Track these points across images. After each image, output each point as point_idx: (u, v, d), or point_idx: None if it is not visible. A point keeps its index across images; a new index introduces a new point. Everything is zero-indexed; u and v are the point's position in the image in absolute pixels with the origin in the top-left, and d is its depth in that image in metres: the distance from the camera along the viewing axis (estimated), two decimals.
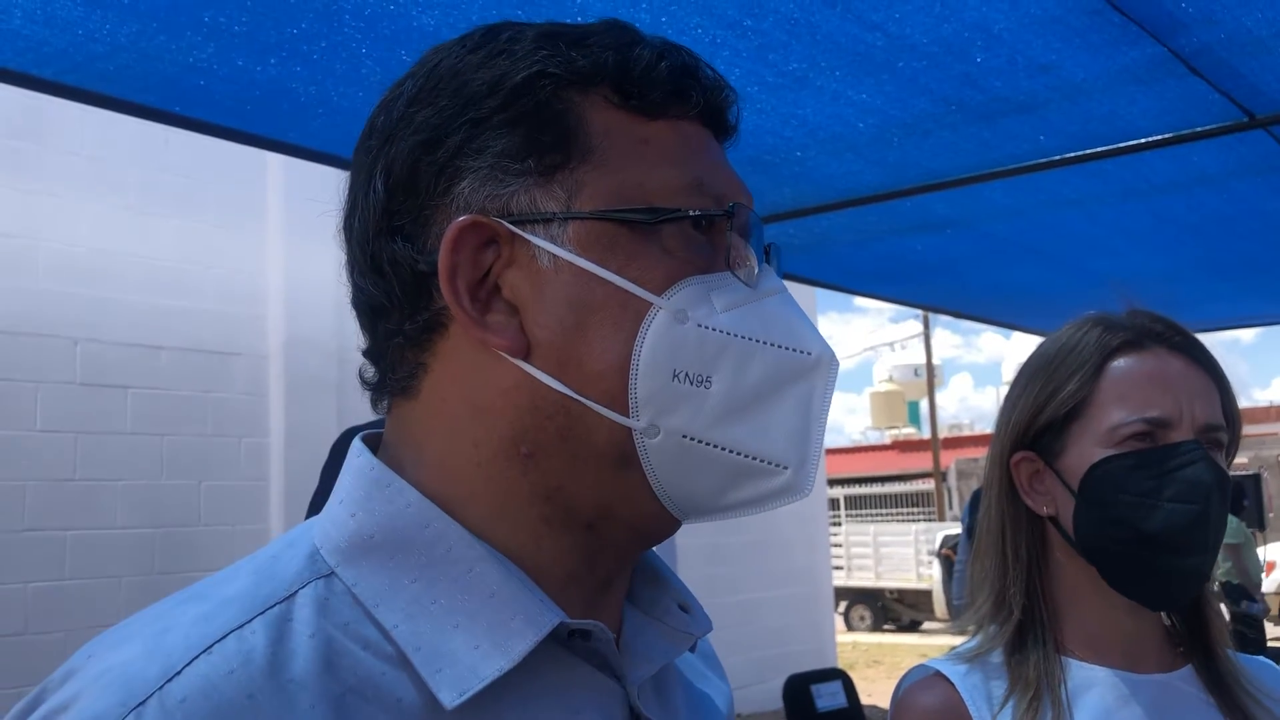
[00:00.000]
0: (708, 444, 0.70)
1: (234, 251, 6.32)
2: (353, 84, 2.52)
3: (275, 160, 6.07)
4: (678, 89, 0.74)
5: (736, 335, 0.71)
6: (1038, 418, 1.33)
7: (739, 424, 0.70)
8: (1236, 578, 8.51)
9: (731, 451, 0.70)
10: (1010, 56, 2.49)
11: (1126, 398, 1.28)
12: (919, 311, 24.30)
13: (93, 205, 5.87)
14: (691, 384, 0.70)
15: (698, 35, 2.34)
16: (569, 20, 0.77)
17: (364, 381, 0.78)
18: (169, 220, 6.12)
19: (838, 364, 0.74)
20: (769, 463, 0.71)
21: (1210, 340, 1.38)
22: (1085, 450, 1.29)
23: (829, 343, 0.74)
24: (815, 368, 0.73)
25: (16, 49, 2.25)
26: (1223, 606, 8.41)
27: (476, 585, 0.68)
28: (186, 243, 6.14)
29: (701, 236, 0.73)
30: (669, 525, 0.74)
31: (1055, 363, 1.34)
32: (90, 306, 5.80)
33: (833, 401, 0.75)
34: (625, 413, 0.69)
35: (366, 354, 0.77)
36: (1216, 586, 8.65)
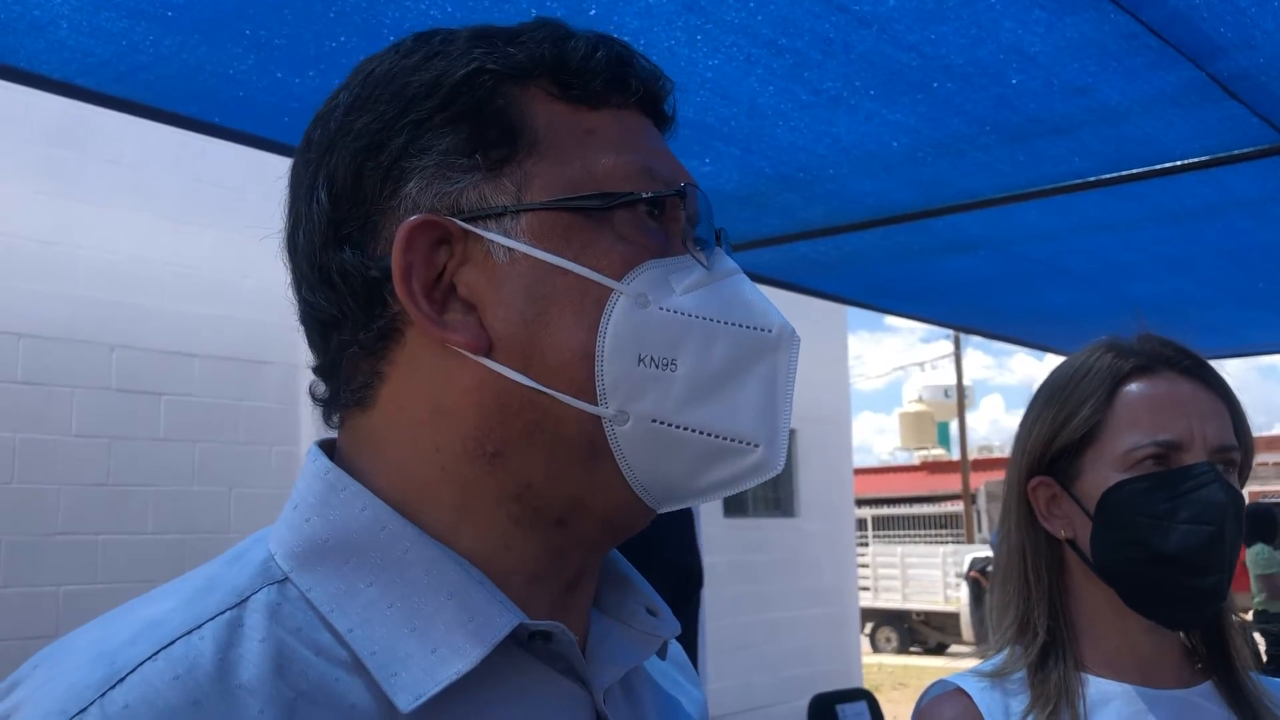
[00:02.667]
0: (677, 427, 0.69)
1: (269, 262, 6.35)
2: None
3: None
4: (616, 78, 0.74)
5: (698, 316, 0.71)
6: (1053, 443, 1.36)
7: (707, 405, 0.70)
8: (1275, 606, 8.41)
9: (701, 433, 0.70)
10: (1046, 79, 2.48)
11: (1139, 422, 1.30)
12: (950, 331, 24.18)
13: (131, 214, 5.95)
14: (657, 368, 0.69)
15: (732, 53, 2.35)
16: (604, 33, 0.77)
17: (315, 398, 0.76)
18: (206, 230, 6.20)
19: (798, 339, 0.74)
20: (740, 441, 0.70)
21: (1245, 365, 1.40)
22: (1100, 474, 1.31)
23: (788, 320, 0.74)
24: (777, 344, 0.73)
25: (62, 59, 2.30)
26: (1258, 635, 8.29)
27: (434, 587, 0.67)
28: (222, 252, 6.22)
29: (653, 221, 0.73)
30: (642, 515, 0.73)
31: (1068, 389, 1.37)
32: (126, 314, 5.87)
33: (864, 422, 0.75)
34: (593, 401, 0.68)
35: (317, 370, 0.76)
36: (1251, 615, 8.54)
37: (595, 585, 0.77)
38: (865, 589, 18.94)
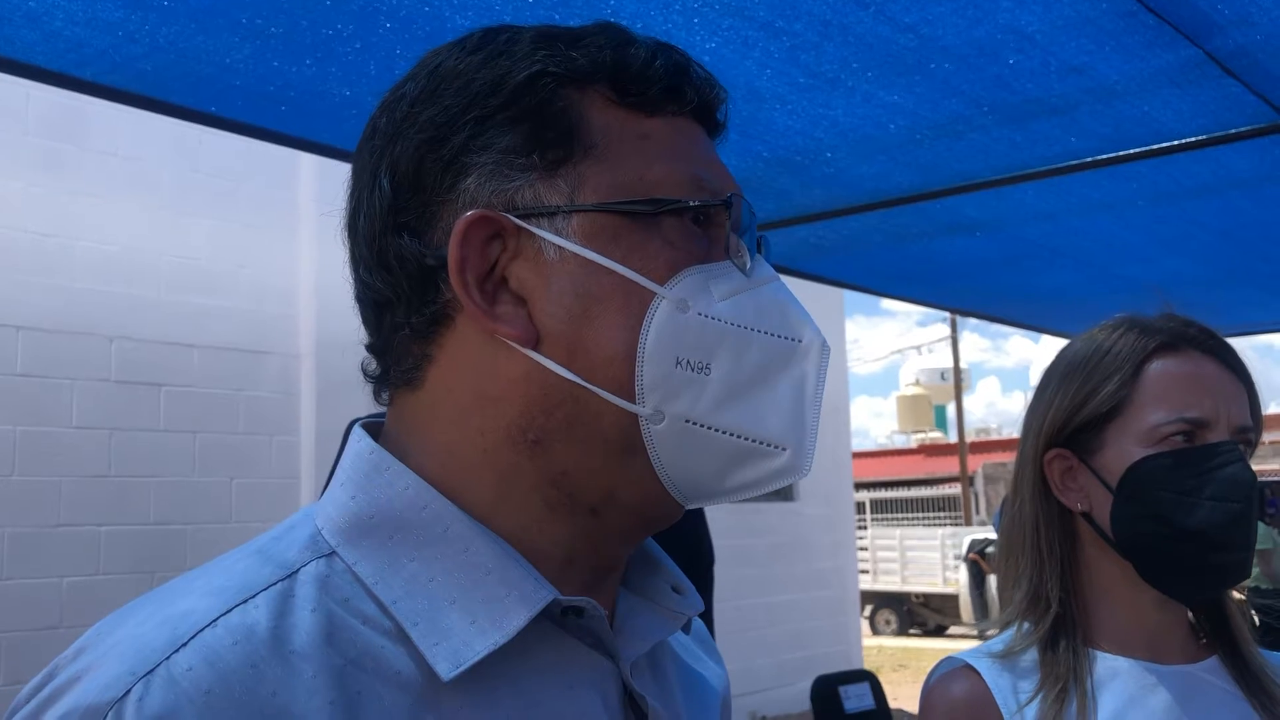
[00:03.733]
0: (709, 428, 0.72)
1: (267, 251, 6.38)
2: (387, 86, 2.54)
3: (308, 161, 6.12)
4: (673, 86, 0.77)
5: (733, 324, 0.74)
6: (1074, 417, 1.37)
7: (738, 408, 0.73)
8: (1266, 583, 8.45)
9: (732, 435, 0.73)
10: (1043, 59, 2.48)
11: (1165, 398, 1.32)
12: (947, 314, 24.19)
13: (128, 205, 5.93)
14: (693, 370, 0.72)
15: (729, 36, 2.35)
16: (602, 19, 0.79)
17: (366, 374, 0.80)
18: (203, 220, 6.18)
19: (829, 349, 0.77)
20: (768, 444, 0.74)
21: (1243, 345, 1.42)
22: (1125, 449, 1.32)
23: (820, 329, 0.78)
24: (807, 353, 0.76)
25: (58, 50, 2.29)
26: (1254, 612, 8.32)
27: (473, 564, 0.70)
28: (220, 242, 6.21)
29: (699, 229, 0.75)
30: (673, 510, 0.76)
31: (1091, 364, 1.37)
32: (125, 305, 5.86)
33: (861, 405, 0.77)
34: (631, 399, 0.71)
35: (370, 348, 0.79)
36: (1244, 593, 8.58)
37: (623, 569, 0.81)
38: (864, 572, 18.99)
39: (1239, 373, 1.35)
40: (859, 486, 25.58)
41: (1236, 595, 1.42)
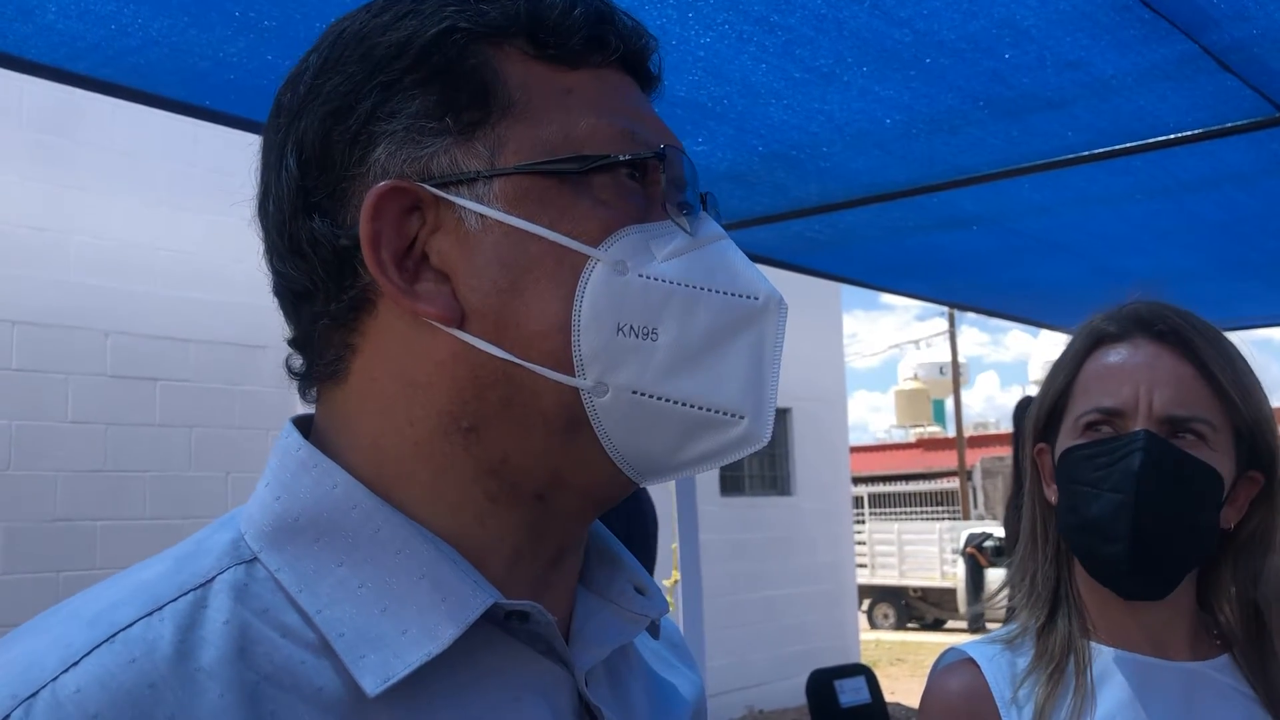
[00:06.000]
0: (659, 398, 0.67)
1: (262, 245, 6.37)
2: None
3: None
4: (595, 36, 0.71)
5: (679, 284, 0.68)
6: (1041, 410, 1.39)
7: (690, 375, 0.67)
8: None
9: (684, 404, 0.67)
10: (1039, 53, 2.48)
11: (1089, 389, 1.32)
12: (945, 309, 24.20)
13: (123, 199, 5.93)
14: (637, 337, 0.67)
15: (724, 30, 2.34)
16: None
17: (291, 372, 0.74)
18: (199, 215, 6.18)
19: (786, 306, 0.71)
20: (724, 413, 0.68)
21: (1241, 339, 1.38)
22: (1064, 440, 1.34)
23: (775, 288, 0.72)
24: (764, 312, 0.70)
25: (50, 43, 2.28)
26: None
27: (406, 567, 0.65)
28: (216, 237, 6.20)
29: (635, 185, 0.70)
30: (623, 488, 0.71)
31: (1059, 357, 1.40)
32: (120, 299, 5.86)
33: (859, 400, 0.75)
34: (570, 372, 0.66)
35: (292, 343, 0.74)
36: None
37: (579, 561, 0.76)
38: (862, 566, 19.02)
39: (1195, 358, 1.29)
40: (857, 481, 25.60)
41: None
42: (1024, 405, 2.20)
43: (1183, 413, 1.27)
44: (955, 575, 19.23)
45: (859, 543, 18.97)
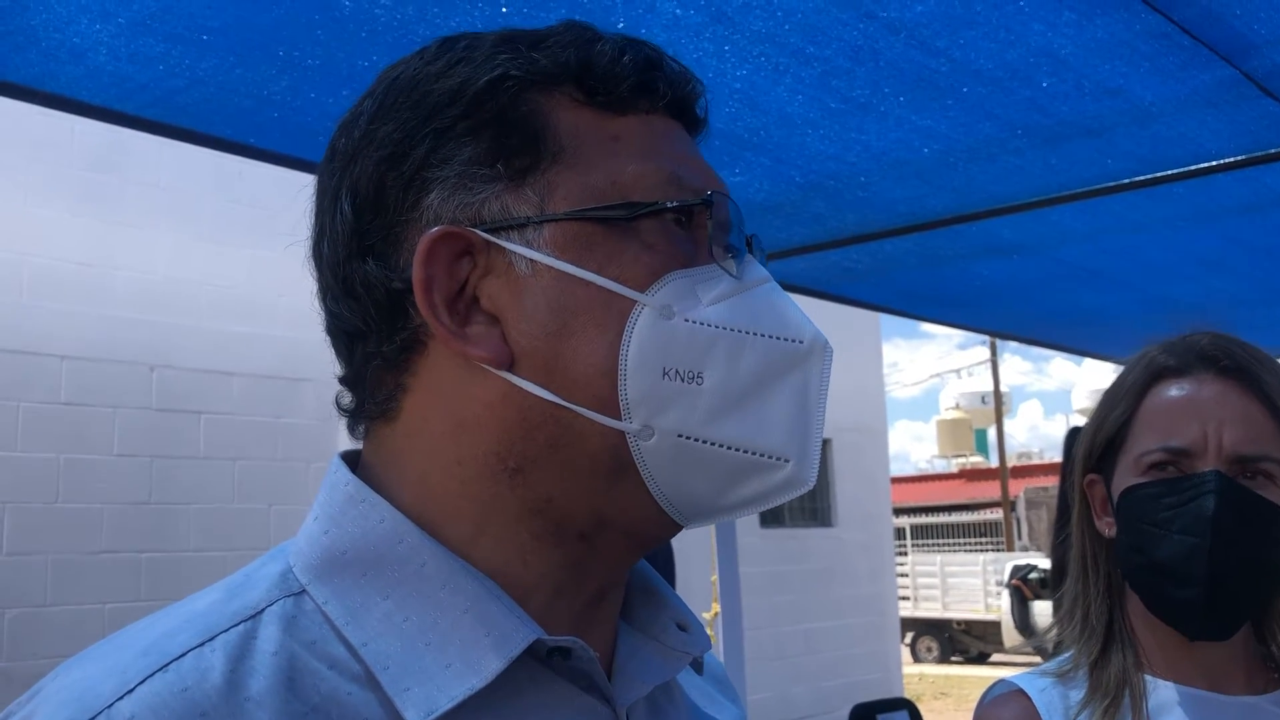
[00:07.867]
0: (705, 441, 0.68)
1: (304, 280, 6.41)
2: None
3: None
4: (643, 83, 0.72)
5: (725, 328, 0.69)
6: (1095, 441, 1.36)
7: (735, 419, 0.68)
8: None
9: (729, 448, 0.68)
10: (1077, 81, 2.47)
11: (1154, 425, 1.29)
12: (986, 338, 24.01)
13: (169, 235, 6.02)
14: (683, 381, 0.67)
15: (760, 62, 2.35)
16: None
17: (341, 409, 0.75)
18: (242, 250, 6.27)
19: (831, 350, 0.71)
20: (769, 456, 0.69)
21: None
22: (1123, 476, 1.31)
23: (821, 331, 0.72)
24: (809, 355, 0.71)
25: (101, 84, 2.33)
26: None
27: (450, 602, 0.66)
28: (259, 271, 6.28)
29: (681, 230, 0.71)
30: (668, 530, 0.71)
31: (1113, 387, 1.37)
32: (165, 333, 5.95)
33: (900, 430, 0.74)
34: (617, 416, 0.67)
35: (343, 380, 0.75)
36: None
37: (620, 598, 0.76)
38: (905, 598, 18.80)
39: (1261, 394, 1.27)
40: (899, 512, 25.37)
41: None
42: (1074, 434, 2.18)
43: (1252, 451, 1.25)
44: (1000, 608, 18.97)
45: (901, 575, 18.78)
